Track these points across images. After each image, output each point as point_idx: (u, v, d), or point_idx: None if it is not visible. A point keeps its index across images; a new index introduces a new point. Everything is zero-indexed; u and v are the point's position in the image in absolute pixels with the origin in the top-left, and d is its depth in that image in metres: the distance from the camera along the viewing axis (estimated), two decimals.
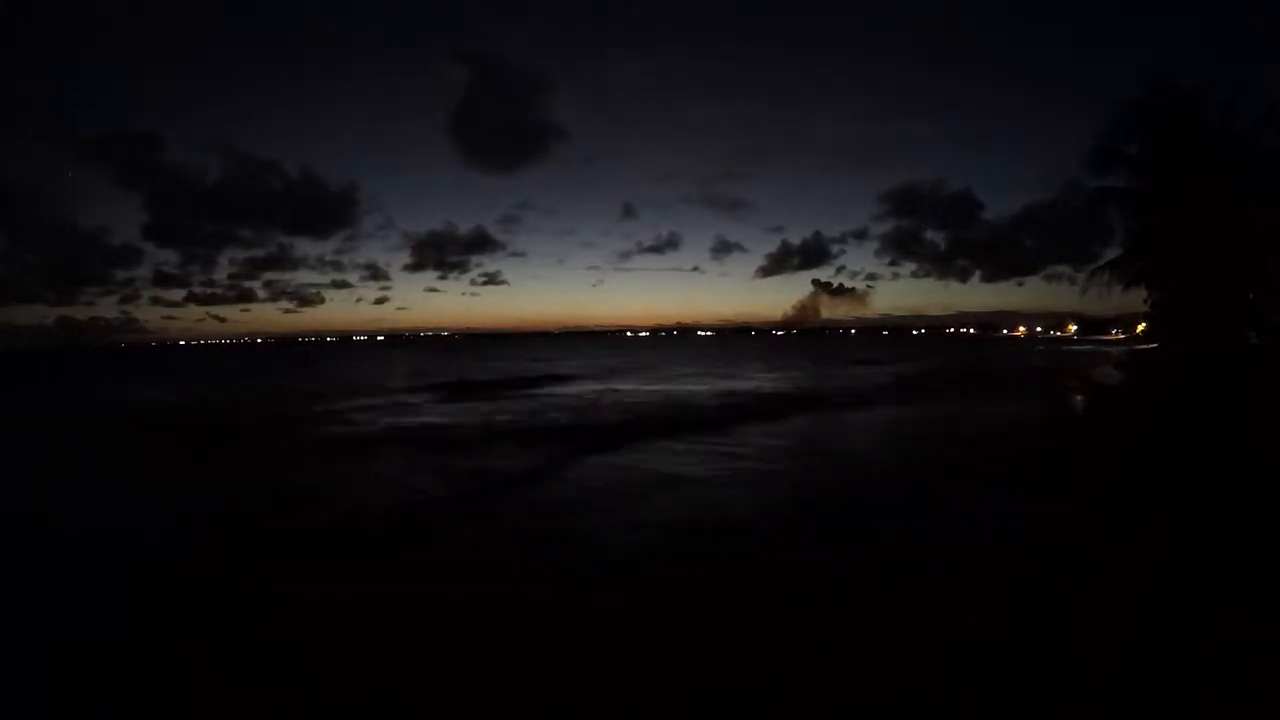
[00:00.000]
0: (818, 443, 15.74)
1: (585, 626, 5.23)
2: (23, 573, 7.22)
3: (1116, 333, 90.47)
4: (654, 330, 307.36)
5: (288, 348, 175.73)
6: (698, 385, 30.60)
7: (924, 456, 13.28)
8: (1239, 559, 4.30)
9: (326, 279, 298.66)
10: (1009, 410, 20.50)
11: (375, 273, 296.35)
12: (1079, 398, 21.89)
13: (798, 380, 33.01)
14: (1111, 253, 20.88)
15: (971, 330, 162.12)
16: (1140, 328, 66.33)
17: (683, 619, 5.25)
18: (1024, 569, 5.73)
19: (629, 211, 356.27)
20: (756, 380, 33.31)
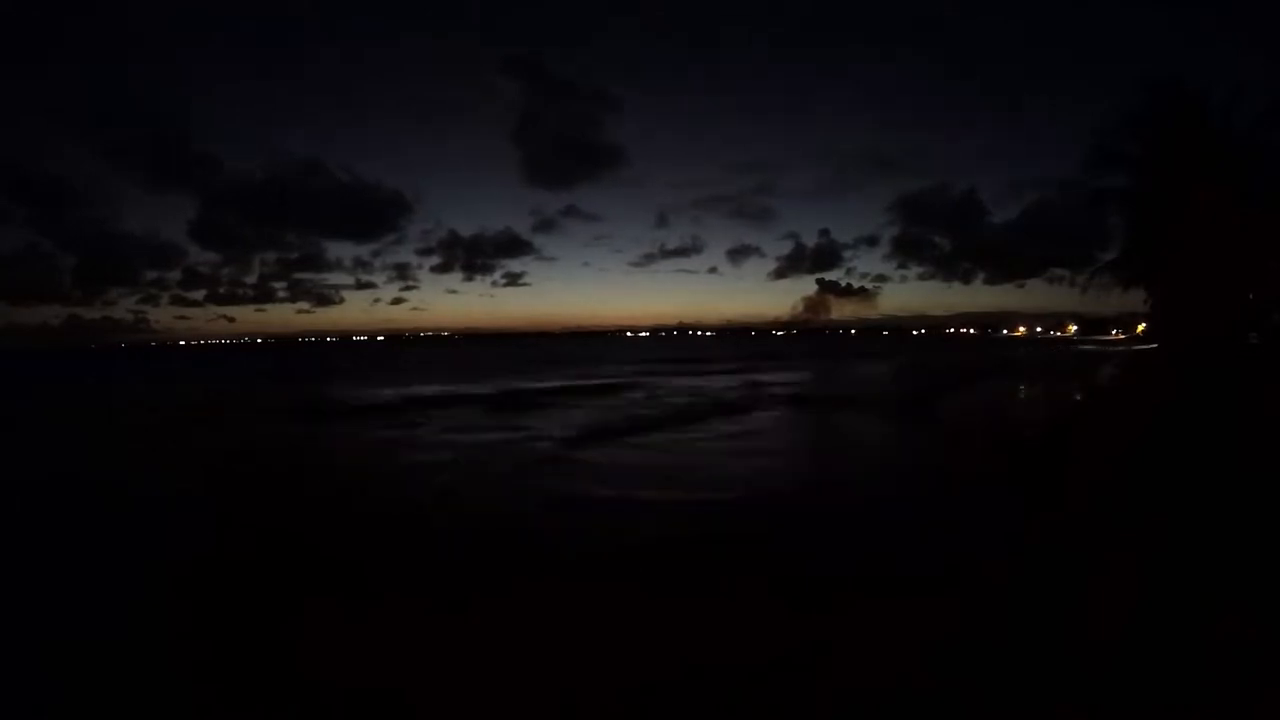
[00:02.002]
0: None
1: None
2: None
3: (1117, 333, 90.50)
4: (654, 331, 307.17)
5: (275, 349, 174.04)
6: None
7: (923, 456, 13.27)
8: (1239, 558, 4.31)
9: (353, 280, 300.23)
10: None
11: (403, 274, 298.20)
12: (1078, 398, 21.88)
13: None
14: (1111, 253, 20.93)
15: (971, 330, 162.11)
16: (1140, 328, 66.45)
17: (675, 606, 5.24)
18: (1022, 567, 5.74)
19: (663, 220, 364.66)
20: None
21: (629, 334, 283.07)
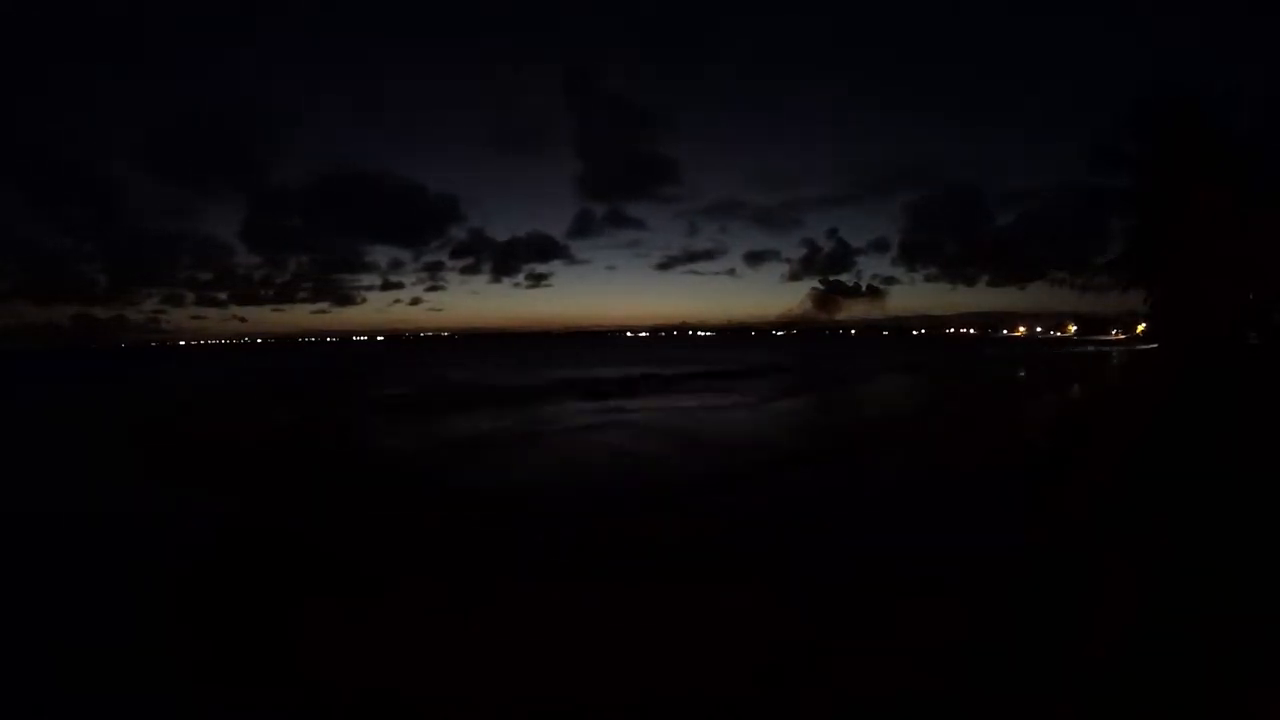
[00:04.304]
0: None
1: None
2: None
3: (1116, 333, 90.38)
4: (654, 331, 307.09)
5: (273, 350, 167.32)
6: None
7: (924, 455, 13.27)
8: (1239, 559, 4.31)
9: (380, 281, 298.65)
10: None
11: (434, 275, 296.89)
12: (1079, 399, 21.89)
13: None
14: (1111, 254, 20.92)
15: (971, 330, 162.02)
16: (1140, 328, 66.31)
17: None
18: (1023, 569, 5.74)
19: (694, 228, 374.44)
20: None
21: (629, 334, 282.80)
